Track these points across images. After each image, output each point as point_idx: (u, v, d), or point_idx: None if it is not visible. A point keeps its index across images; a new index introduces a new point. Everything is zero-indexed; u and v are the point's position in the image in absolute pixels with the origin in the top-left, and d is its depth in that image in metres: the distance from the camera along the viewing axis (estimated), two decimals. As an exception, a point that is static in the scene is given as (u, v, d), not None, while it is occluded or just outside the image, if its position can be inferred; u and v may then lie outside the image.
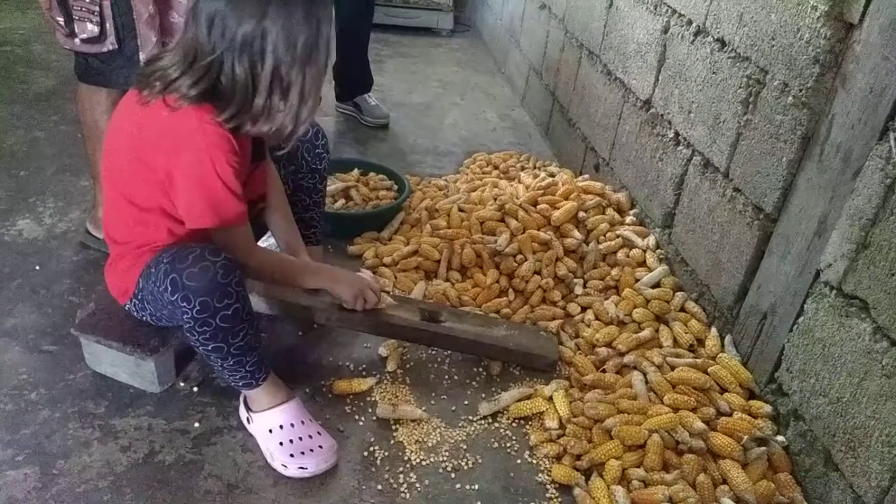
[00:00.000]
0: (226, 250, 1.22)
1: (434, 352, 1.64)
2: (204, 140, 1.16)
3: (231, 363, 1.26)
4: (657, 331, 1.66)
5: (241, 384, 1.31)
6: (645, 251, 1.89)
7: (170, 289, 1.16)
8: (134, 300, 1.34)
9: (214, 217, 1.21)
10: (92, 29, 1.58)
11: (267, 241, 1.76)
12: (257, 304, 1.48)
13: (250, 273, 1.33)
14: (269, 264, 1.40)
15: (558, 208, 1.98)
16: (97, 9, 1.56)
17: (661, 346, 1.62)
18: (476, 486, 1.32)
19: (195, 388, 1.46)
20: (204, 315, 1.17)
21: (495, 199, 2.10)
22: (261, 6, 1.13)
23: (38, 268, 1.77)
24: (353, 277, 1.51)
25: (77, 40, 1.59)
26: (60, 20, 1.57)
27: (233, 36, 1.13)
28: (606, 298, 1.77)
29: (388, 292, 1.66)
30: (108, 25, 1.59)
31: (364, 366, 1.58)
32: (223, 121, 1.16)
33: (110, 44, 1.61)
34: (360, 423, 1.43)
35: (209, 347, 1.22)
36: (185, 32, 1.20)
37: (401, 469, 1.33)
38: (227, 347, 1.22)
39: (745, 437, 1.33)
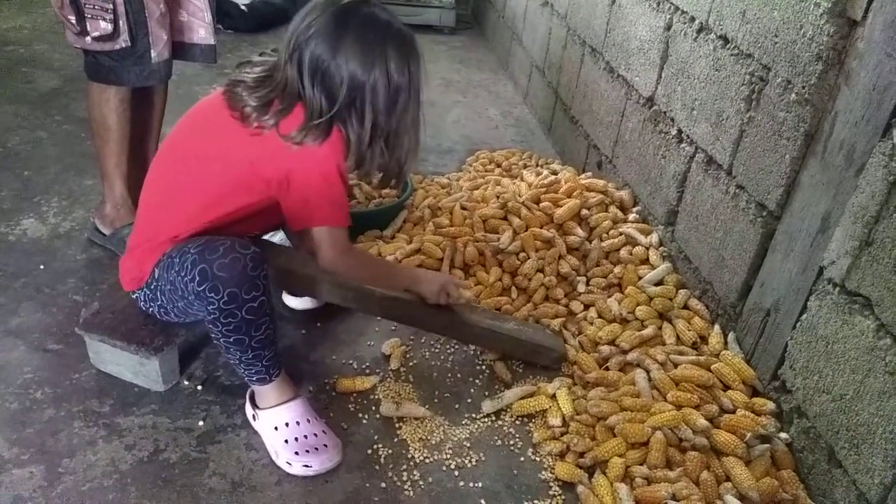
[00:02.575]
0: (327, 250, 1.31)
1: (437, 350, 1.65)
2: (330, 148, 1.22)
3: (250, 356, 1.27)
4: (660, 328, 1.66)
5: (255, 378, 1.31)
6: (648, 249, 1.89)
7: (198, 279, 1.17)
8: (145, 289, 1.34)
9: (340, 218, 1.29)
10: (105, 27, 1.58)
11: (276, 236, 1.77)
12: None
13: (344, 272, 1.40)
14: (364, 263, 1.47)
15: (561, 206, 1.98)
16: (111, 6, 1.57)
17: (664, 344, 1.62)
18: (479, 484, 1.32)
19: (199, 387, 1.46)
20: (231, 306, 1.18)
21: (498, 197, 2.10)
22: (363, 55, 1.18)
23: (42, 267, 1.78)
24: (435, 275, 1.56)
25: (88, 38, 1.60)
26: (72, 18, 1.58)
27: (337, 90, 1.19)
28: (609, 296, 1.77)
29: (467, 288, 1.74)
30: (122, 23, 1.60)
31: (367, 364, 1.59)
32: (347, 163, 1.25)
33: (123, 41, 1.62)
34: (364, 421, 1.43)
35: (231, 339, 1.23)
36: (281, 72, 1.21)
37: (404, 467, 1.34)
38: (249, 340, 1.24)
39: (749, 435, 1.33)
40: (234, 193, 1.27)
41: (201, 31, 1.81)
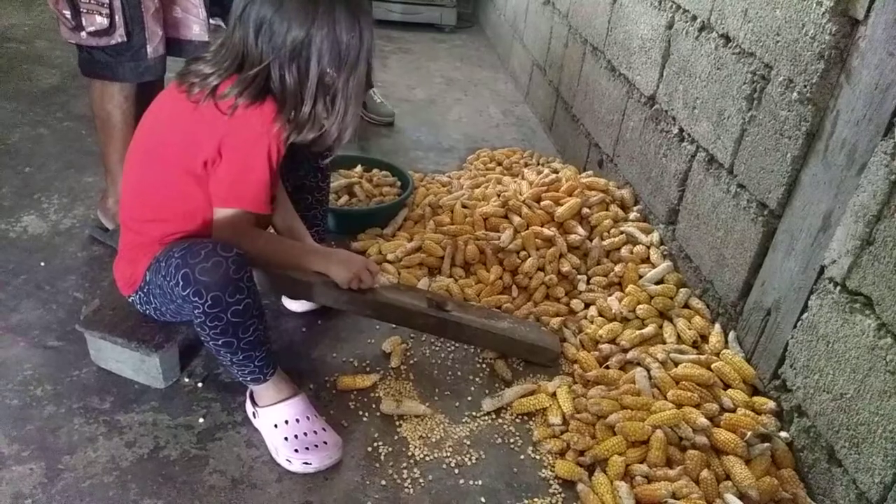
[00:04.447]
0: (225, 232, 1.26)
1: (437, 348, 1.65)
2: (263, 127, 1.19)
3: (240, 358, 1.26)
4: (661, 327, 1.66)
5: (249, 379, 1.31)
6: (649, 247, 1.89)
7: (181, 283, 1.17)
8: (139, 292, 1.34)
9: (252, 200, 1.25)
10: (101, 21, 1.58)
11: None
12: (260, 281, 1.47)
13: (247, 255, 1.30)
14: (268, 246, 1.39)
15: (562, 205, 1.98)
16: (106, 1, 1.56)
17: (664, 343, 1.62)
18: (479, 482, 1.32)
19: (200, 384, 1.46)
20: (215, 310, 1.17)
21: (499, 196, 2.10)
22: (308, 14, 1.16)
23: (42, 264, 1.78)
24: (348, 257, 1.47)
25: (83, 34, 1.60)
26: (67, 13, 1.58)
27: (281, 44, 1.16)
28: (610, 295, 1.77)
29: (388, 276, 1.67)
30: (118, 18, 1.59)
31: (368, 362, 1.59)
32: (281, 124, 1.20)
33: (119, 36, 1.61)
34: (364, 419, 1.43)
35: (219, 342, 1.23)
36: (229, 37, 1.21)
37: (404, 465, 1.34)
38: (237, 342, 1.23)
39: (749, 434, 1.33)
40: (194, 184, 1.25)
41: (195, 27, 1.81)
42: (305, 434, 1.31)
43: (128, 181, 1.33)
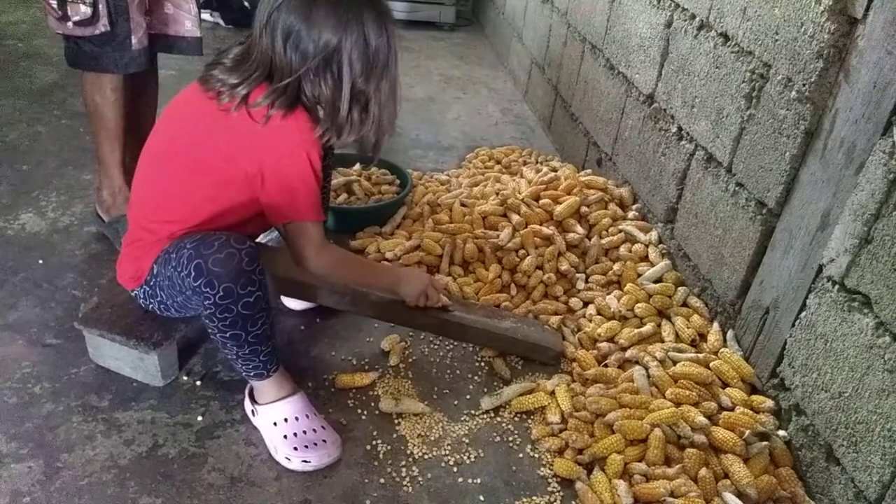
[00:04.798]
0: (301, 245, 1.29)
1: (436, 346, 1.65)
2: (301, 139, 1.20)
3: (246, 351, 1.26)
4: (659, 326, 1.66)
5: (252, 374, 1.31)
6: (647, 246, 1.89)
7: (193, 274, 1.17)
8: (145, 286, 1.34)
9: (310, 211, 1.26)
10: (84, 10, 1.57)
11: (269, 236, 1.77)
12: None
13: (318, 270, 1.34)
14: (343, 261, 1.42)
15: (560, 203, 1.98)
16: None
17: (662, 341, 1.62)
18: (478, 480, 1.32)
19: (198, 382, 1.46)
20: (227, 301, 1.18)
21: (497, 194, 2.10)
22: (337, 21, 1.16)
23: (41, 262, 1.78)
24: (416, 276, 1.52)
25: (70, 23, 1.59)
26: (53, 3, 1.57)
27: (312, 52, 1.16)
28: (608, 293, 1.77)
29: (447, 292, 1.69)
30: (101, 7, 1.59)
31: (367, 360, 1.59)
32: (319, 133, 1.21)
33: (102, 26, 1.61)
34: (363, 418, 1.43)
35: (227, 335, 1.23)
36: (256, 45, 1.20)
37: (403, 463, 1.34)
38: (245, 335, 1.23)
39: (747, 432, 1.33)
40: (219, 190, 1.26)
41: (187, 23, 1.81)
42: (304, 432, 1.31)
43: (142, 181, 1.33)
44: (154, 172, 1.31)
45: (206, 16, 4.07)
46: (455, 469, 1.34)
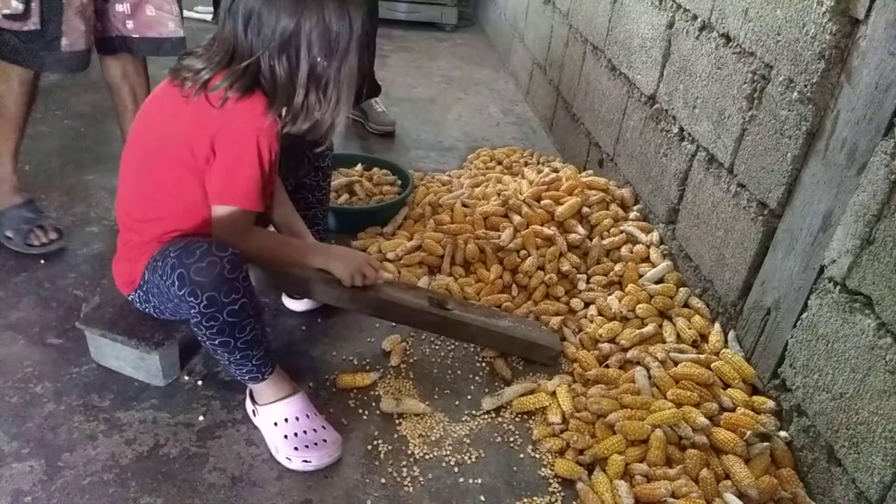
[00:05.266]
0: (223, 230, 1.26)
1: (437, 346, 1.65)
2: (254, 122, 1.18)
3: (238, 357, 1.26)
4: (660, 326, 1.66)
5: (247, 378, 1.31)
6: (648, 247, 1.89)
7: (177, 283, 1.17)
8: (138, 291, 1.34)
9: (241, 197, 1.24)
10: (16, 6, 1.57)
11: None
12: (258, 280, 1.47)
13: (246, 255, 1.31)
14: (266, 244, 1.38)
15: (562, 204, 1.98)
16: None
17: (664, 342, 1.62)
18: (479, 481, 1.32)
19: (199, 382, 1.46)
20: (211, 310, 1.17)
21: (499, 195, 2.10)
22: (297, 4, 1.15)
23: (42, 262, 1.78)
24: (350, 254, 1.48)
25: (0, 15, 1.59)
26: None
27: (270, 35, 1.15)
28: (610, 294, 1.77)
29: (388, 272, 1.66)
30: (34, 5, 1.58)
31: (367, 360, 1.59)
32: (273, 117, 1.19)
33: (32, 24, 1.60)
34: (364, 418, 1.43)
35: (216, 342, 1.23)
36: (220, 31, 1.20)
37: (404, 463, 1.34)
38: (234, 342, 1.23)
39: (748, 433, 1.33)
40: (187, 180, 1.25)
41: (170, 24, 1.80)
42: (305, 432, 1.31)
43: (126, 180, 1.33)
44: (131, 169, 1.31)
45: (192, 13, 4.05)
46: (456, 469, 1.34)
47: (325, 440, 1.31)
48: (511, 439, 1.42)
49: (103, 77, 1.94)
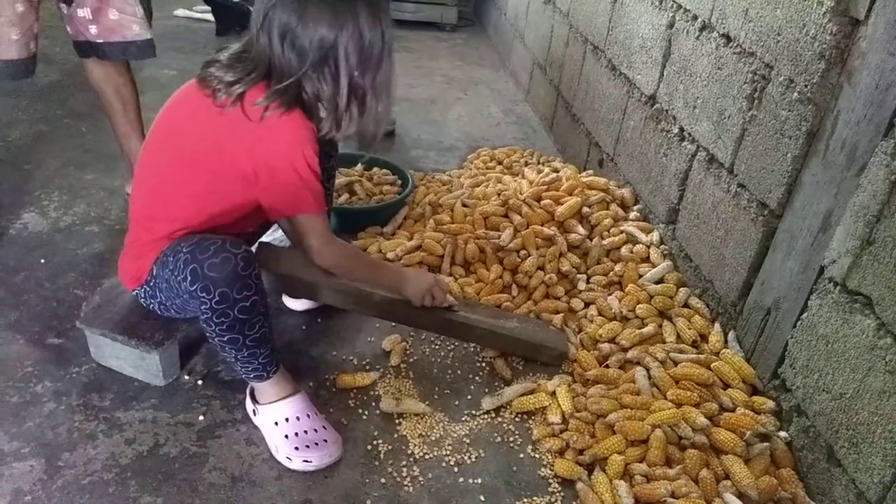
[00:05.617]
0: (308, 239, 1.30)
1: (437, 346, 1.65)
2: (296, 136, 1.20)
3: (245, 354, 1.26)
4: (660, 326, 1.66)
5: (252, 376, 1.31)
6: (649, 247, 1.89)
7: (189, 278, 1.17)
8: (145, 287, 1.34)
9: (312, 204, 1.26)
10: None
11: (272, 235, 1.76)
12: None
13: (326, 262, 1.35)
14: (346, 256, 1.41)
15: (562, 204, 1.98)
16: None
17: (664, 342, 1.62)
18: (479, 480, 1.32)
19: (200, 382, 1.47)
20: (223, 306, 1.18)
21: (499, 195, 2.10)
22: (331, 17, 1.16)
23: (42, 261, 1.78)
24: (421, 276, 1.52)
25: None
26: None
27: (307, 49, 1.16)
28: (610, 294, 1.77)
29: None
30: None
31: (367, 360, 1.59)
32: (315, 126, 1.22)
33: None
34: (364, 417, 1.43)
35: (225, 338, 1.23)
36: (253, 45, 1.20)
37: (404, 463, 1.34)
38: (243, 339, 1.23)
39: (748, 433, 1.33)
40: (215, 186, 1.26)
41: (134, 27, 1.79)
42: (305, 432, 1.31)
43: (142, 179, 1.33)
44: (151, 170, 1.31)
45: (191, 13, 4.04)
46: (456, 469, 1.34)
47: (325, 440, 1.31)
48: (511, 439, 1.42)
49: (88, 79, 1.94)
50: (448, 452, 1.37)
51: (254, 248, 1.49)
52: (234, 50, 1.24)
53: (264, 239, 1.62)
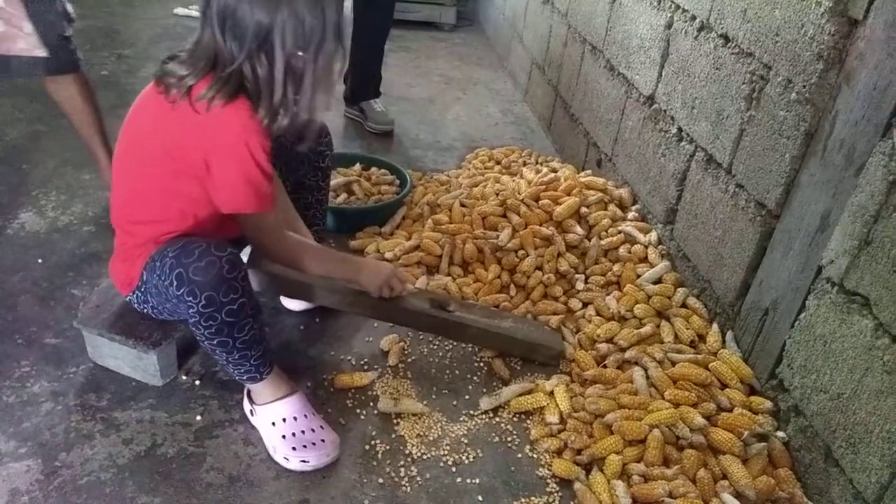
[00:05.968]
0: (255, 236, 1.28)
1: (435, 346, 1.65)
2: (240, 128, 1.17)
3: (236, 357, 1.26)
4: (658, 326, 1.66)
5: (245, 378, 1.31)
6: (647, 247, 1.89)
7: (175, 283, 1.16)
8: (137, 292, 1.34)
9: (256, 202, 1.23)
10: None
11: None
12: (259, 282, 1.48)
13: (278, 258, 1.35)
14: (297, 249, 1.39)
15: (560, 204, 1.98)
16: None
17: (662, 342, 1.62)
18: (477, 480, 1.32)
19: (197, 382, 1.46)
20: (210, 310, 1.17)
21: (497, 195, 2.10)
22: (268, 0, 1.13)
23: (40, 261, 1.78)
24: (378, 266, 1.50)
25: None
26: None
27: (245, 33, 1.13)
28: (608, 294, 1.78)
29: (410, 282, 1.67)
30: None
31: (365, 360, 1.59)
32: (261, 117, 1.18)
33: None
34: (362, 417, 1.43)
35: (214, 342, 1.23)
36: (201, 35, 1.19)
37: (402, 463, 1.34)
38: (233, 342, 1.23)
39: (746, 433, 1.33)
40: (177, 185, 1.24)
41: (20, 42, 1.70)
42: (303, 432, 1.31)
43: (118, 183, 1.33)
44: (122, 174, 1.31)
45: (190, 12, 4.02)
46: (454, 469, 1.34)
47: (322, 440, 1.31)
48: (509, 439, 1.42)
49: None
50: (446, 452, 1.37)
51: (249, 250, 1.48)
52: (189, 43, 1.22)
53: None
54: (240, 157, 1.18)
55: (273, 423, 1.31)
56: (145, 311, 1.38)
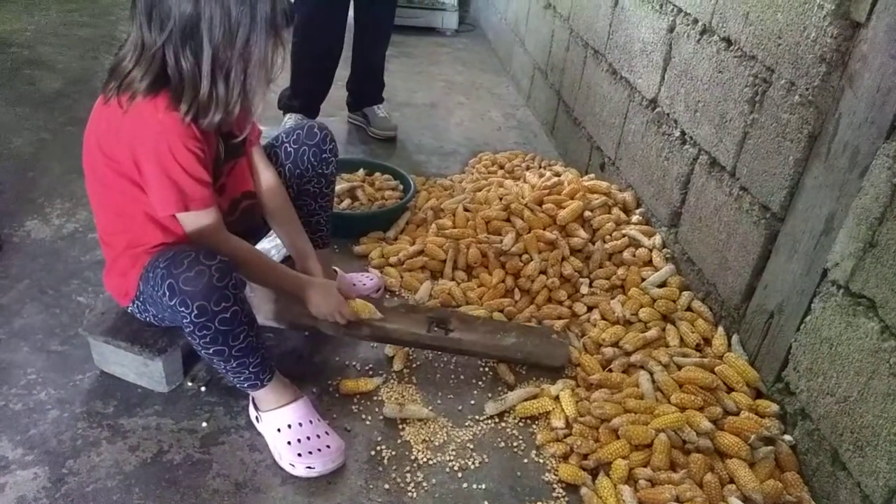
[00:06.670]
0: (197, 238, 1.24)
1: (440, 352, 1.65)
2: (159, 126, 1.15)
3: (234, 365, 1.26)
4: (664, 330, 1.66)
5: (245, 385, 1.31)
6: (651, 250, 1.89)
7: (167, 293, 1.16)
8: (136, 302, 1.34)
9: (178, 202, 1.20)
10: None
11: (272, 242, 1.77)
12: (264, 319, 1.49)
13: (224, 255, 1.30)
14: (241, 253, 1.32)
15: (564, 208, 1.98)
16: None
17: (667, 346, 1.62)
18: (483, 486, 1.32)
19: (203, 388, 1.46)
20: (202, 319, 1.16)
21: (501, 199, 2.10)
22: None
23: (46, 269, 1.78)
24: (328, 288, 1.46)
25: None
26: None
27: (171, 22, 1.12)
28: (612, 298, 1.77)
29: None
30: None
31: (371, 365, 1.59)
32: (182, 112, 1.15)
33: None
34: (367, 423, 1.43)
35: (210, 350, 1.22)
36: (132, 29, 1.17)
37: (408, 468, 1.34)
38: (229, 350, 1.22)
39: (753, 437, 1.33)
40: (126, 189, 1.22)
41: None
42: (308, 438, 1.31)
43: (90, 196, 1.33)
44: (90, 186, 1.30)
45: None
46: (460, 474, 1.34)
47: (328, 446, 1.31)
48: (514, 444, 1.42)
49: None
50: (452, 458, 1.37)
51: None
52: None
53: (259, 247, 1.60)
54: (158, 155, 1.16)
55: (278, 430, 1.31)
56: (147, 319, 1.38)
